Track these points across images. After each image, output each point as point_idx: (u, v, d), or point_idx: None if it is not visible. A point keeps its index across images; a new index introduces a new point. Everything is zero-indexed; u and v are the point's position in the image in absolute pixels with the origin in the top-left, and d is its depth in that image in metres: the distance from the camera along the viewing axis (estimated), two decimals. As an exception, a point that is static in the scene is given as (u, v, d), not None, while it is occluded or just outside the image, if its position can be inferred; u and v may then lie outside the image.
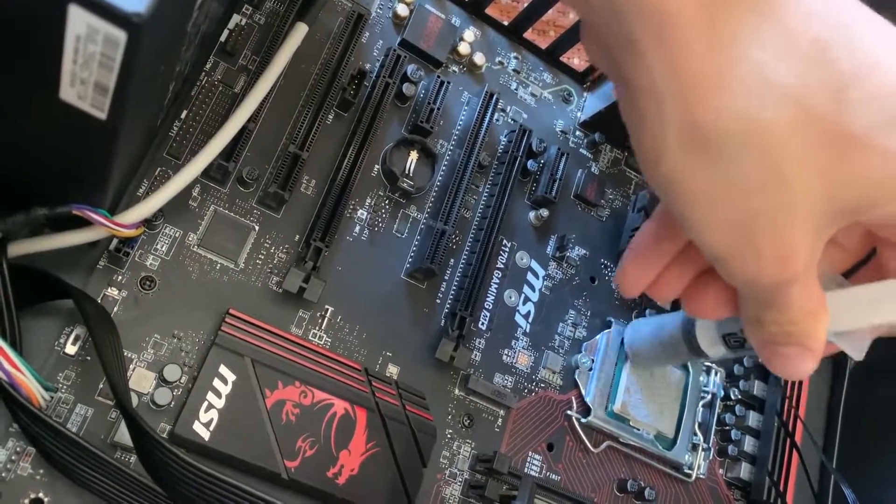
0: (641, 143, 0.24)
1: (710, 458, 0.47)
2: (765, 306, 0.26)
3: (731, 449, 0.47)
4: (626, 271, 0.32)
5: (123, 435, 0.32)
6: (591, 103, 0.51)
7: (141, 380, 0.34)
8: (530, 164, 0.46)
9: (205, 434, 0.34)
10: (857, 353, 0.29)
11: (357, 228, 0.41)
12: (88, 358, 0.34)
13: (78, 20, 0.19)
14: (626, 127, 0.25)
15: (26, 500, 0.31)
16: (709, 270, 0.31)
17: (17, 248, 0.31)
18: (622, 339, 0.45)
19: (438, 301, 0.42)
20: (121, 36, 0.19)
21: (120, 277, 0.35)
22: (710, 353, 0.36)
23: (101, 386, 0.34)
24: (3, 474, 0.31)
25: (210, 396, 0.35)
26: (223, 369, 0.35)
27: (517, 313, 0.45)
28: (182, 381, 0.35)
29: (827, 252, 0.27)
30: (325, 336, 0.39)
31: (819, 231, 0.23)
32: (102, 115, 0.23)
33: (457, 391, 0.42)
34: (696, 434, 0.46)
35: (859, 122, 0.21)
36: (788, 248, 0.23)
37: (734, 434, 0.48)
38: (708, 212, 0.23)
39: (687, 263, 0.31)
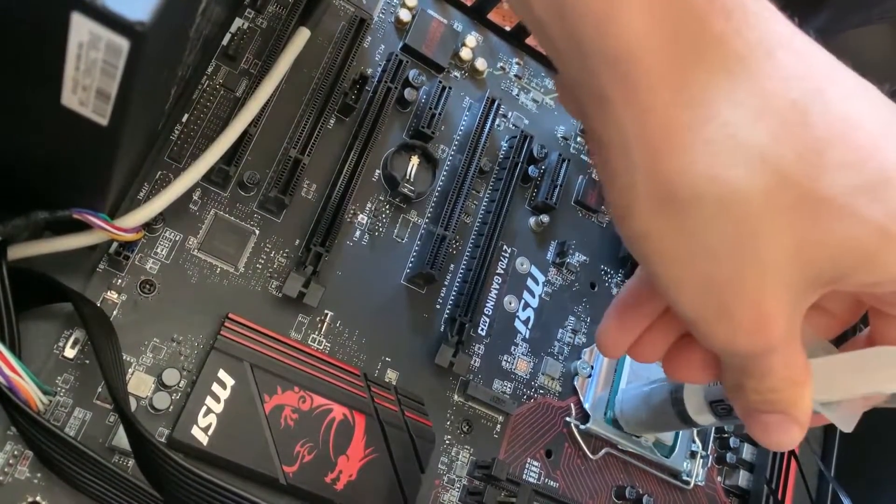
0: (612, 198, 0.23)
1: (709, 465, 0.47)
2: (745, 373, 0.25)
3: (729, 456, 0.47)
4: (607, 332, 0.31)
5: (122, 439, 0.32)
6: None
7: (140, 384, 0.34)
8: (531, 169, 0.46)
9: (203, 439, 0.34)
10: (845, 425, 0.28)
11: (357, 233, 0.41)
12: (87, 361, 0.34)
13: (80, 28, 0.19)
14: (600, 179, 0.24)
15: (24, 504, 0.31)
16: (690, 333, 0.29)
17: (17, 252, 0.31)
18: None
19: (438, 306, 0.42)
20: (123, 44, 0.19)
21: (119, 281, 0.35)
22: (699, 421, 0.34)
23: (99, 390, 0.34)
24: (1, 478, 0.31)
25: (209, 401, 0.34)
26: (222, 374, 0.35)
27: (517, 319, 0.45)
28: (181, 385, 0.35)
29: (813, 318, 0.26)
30: (324, 341, 0.39)
31: (796, 298, 0.23)
32: (104, 122, 0.23)
33: (456, 397, 0.42)
34: (694, 441, 0.46)
35: (833, 186, 0.20)
36: (761, 314, 0.22)
37: (733, 441, 0.48)
38: (678, 272, 0.23)
39: (669, 325, 0.30)
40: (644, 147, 0.21)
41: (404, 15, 0.45)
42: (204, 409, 0.34)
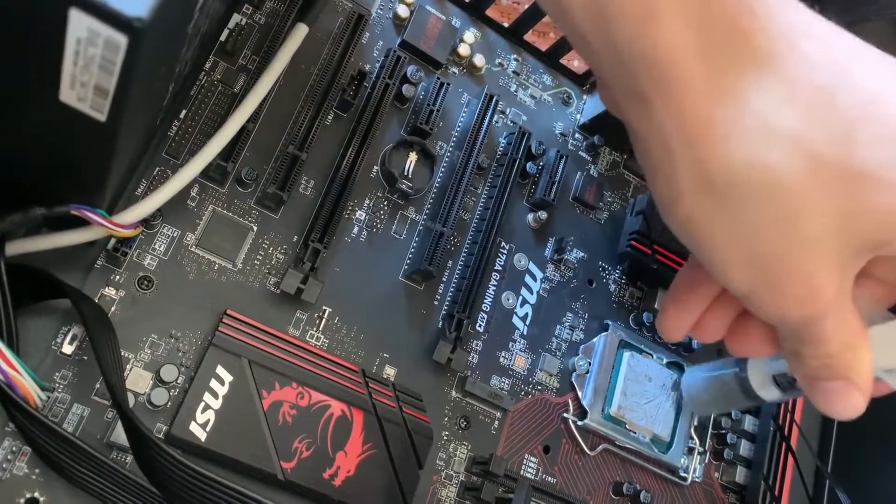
0: (656, 189, 0.25)
1: (706, 461, 0.47)
2: (801, 341, 0.27)
3: (726, 452, 0.48)
4: (667, 317, 0.33)
5: (120, 435, 0.32)
6: (590, 106, 0.51)
7: (138, 380, 0.34)
8: (529, 166, 0.46)
9: (201, 435, 0.34)
10: None
11: (355, 229, 0.41)
12: (85, 358, 0.34)
13: (79, 24, 0.19)
14: (643, 171, 0.26)
15: (22, 500, 0.31)
16: (748, 310, 0.31)
17: (15, 248, 0.31)
18: (619, 342, 0.45)
19: (436, 303, 0.42)
20: (122, 40, 0.19)
21: (117, 277, 0.35)
22: (764, 396, 0.35)
23: (97, 386, 0.34)
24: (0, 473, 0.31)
25: (207, 397, 0.35)
26: (220, 370, 0.35)
27: (515, 315, 0.45)
28: (179, 381, 0.35)
29: (868, 288, 0.28)
30: (322, 337, 0.39)
31: (842, 265, 0.24)
32: (102, 117, 0.23)
33: (454, 393, 0.42)
34: (691, 437, 0.46)
35: (869, 160, 0.22)
36: (808, 284, 0.24)
37: (730, 438, 0.48)
38: (726, 252, 0.24)
39: (726, 304, 0.31)
40: (684, 141, 0.23)
41: (402, 11, 0.45)
42: (202, 405, 0.34)
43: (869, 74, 0.23)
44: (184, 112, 0.38)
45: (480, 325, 0.43)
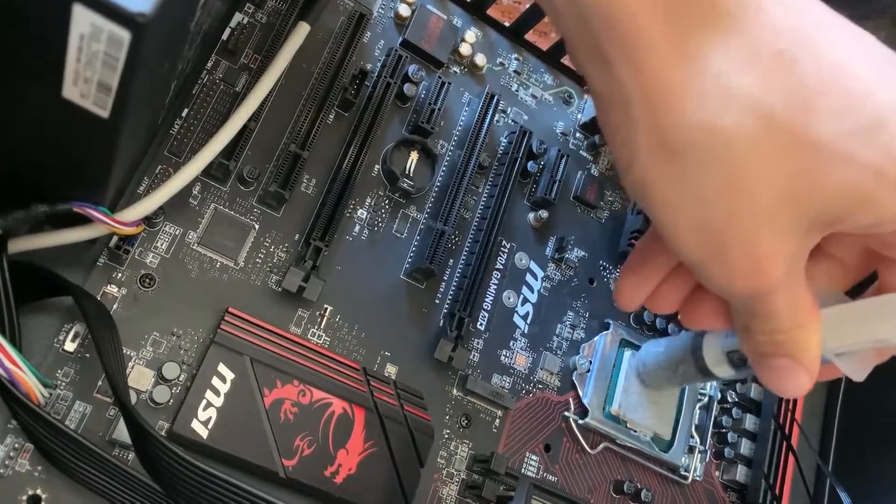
0: (615, 149, 0.25)
1: (707, 460, 0.47)
2: (750, 315, 0.26)
3: (727, 451, 0.48)
4: (622, 286, 0.33)
5: (122, 432, 0.32)
6: (591, 105, 0.51)
7: (140, 377, 0.34)
8: (530, 165, 0.46)
9: (203, 432, 0.34)
10: (857, 375, 0.28)
11: (357, 228, 0.41)
12: (87, 355, 0.34)
13: (82, 19, 0.19)
14: (603, 134, 0.26)
15: (24, 497, 0.31)
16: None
17: (17, 245, 0.31)
18: (620, 341, 0.46)
19: (437, 301, 0.43)
20: (125, 36, 0.19)
21: (119, 275, 0.35)
22: (717, 372, 0.35)
23: (99, 383, 0.34)
24: (1, 470, 0.31)
25: (209, 395, 0.35)
26: (222, 368, 0.35)
27: (516, 314, 0.45)
28: (181, 379, 0.35)
29: (825, 268, 0.28)
30: (324, 335, 0.39)
31: (794, 238, 0.23)
32: (105, 114, 0.23)
33: (455, 391, 0.42)
34: (692, 436, 0.46)
35: (826, 132, 0.21)
36: (756, 255, 0.23)
37: (731, 436, 0.48)
38: (678, 217, 0.24)
39: (682, 276, 0.31)
40: (643, 102, 0.23)
41: (404, 10, 0.45)
42: (204, 402, 0.34)
43: (834, 46, 0.22)
44: (186, 110, 0.38)
45: (481, 324, 0.43)
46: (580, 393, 0.44)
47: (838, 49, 0.22)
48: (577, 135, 0.50)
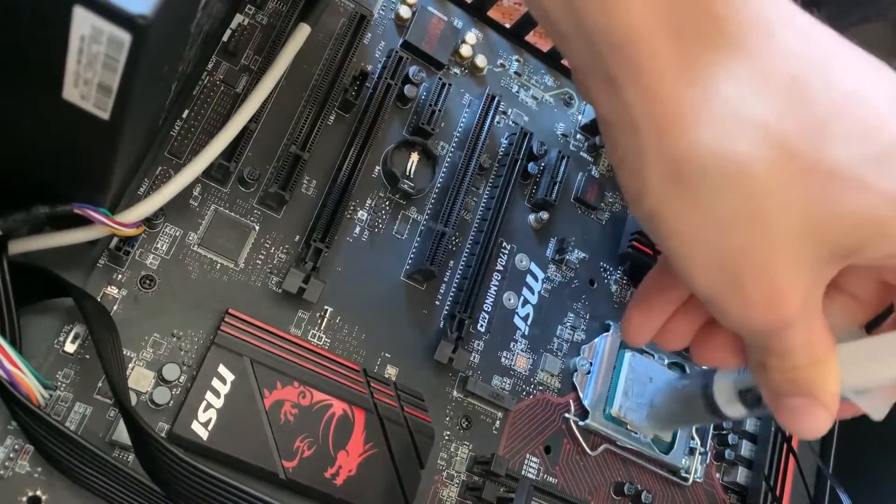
0: (623, 178, 0.24)
1: (707, 462, 0.47)
2: (766, 351, 0.25)
3: (728, 453, 0.48)
4: (631, 320, 0.31)
5: (122, 433, 0.32)
6: (591, 107, 0.51)
7: (140, 379, 0.34)
8: (531, 166, 0.46)
9: (203, 434, 0.34)
10: (877, 412, 0.27)
11: (357, 229, 0.41)
12: (87, 356, 0.34)
13: (83, 21, 0.19)
14: (610, 162, 0.25)
15: (24, 498, 0.31)
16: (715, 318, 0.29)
17: (18, 246, 0.31)
18: (620, 343, 0.45)
19: (437, 303, 0.43)
20: (125, 37, 0.19)
21: (120, 276, 0.35)
22: (728, 412, 0.34)
23: (99, 384, 0.34)
24: (2, 472, 0.31)
25: (209, 396, 0.35)
26: (222, 369, 0.35)
27: (516, 316, 0.45)
28: (181, 380, 0.35)
29: (841, 303, 0.27)
30: (324, 337, 0.39)
31: (810, 270, 0.23)
32: (105, 115, 0.23)
33: (455, 393, 0.42)
34: (693, 438, 0.46)
35: (841, 159, 0.21)
36: (773, 288, 0.22)
37: (731, 438, 0.48)
38: (690, 249, 0.23)
39: (693, 311, 0.30)
40: (652, 127, 0.22)
41: (404, 12, 0.45)
42: (204, 404, 0.34)
43: (846, 71, 0.22)
44: (186, 112, 0.38)
45: (482, 325, 0.43)
46: (581, 394, 0.44)
47: (851, 77, 0.22)
48: (578, 136, 0.50)
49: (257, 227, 0.39)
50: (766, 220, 0.22)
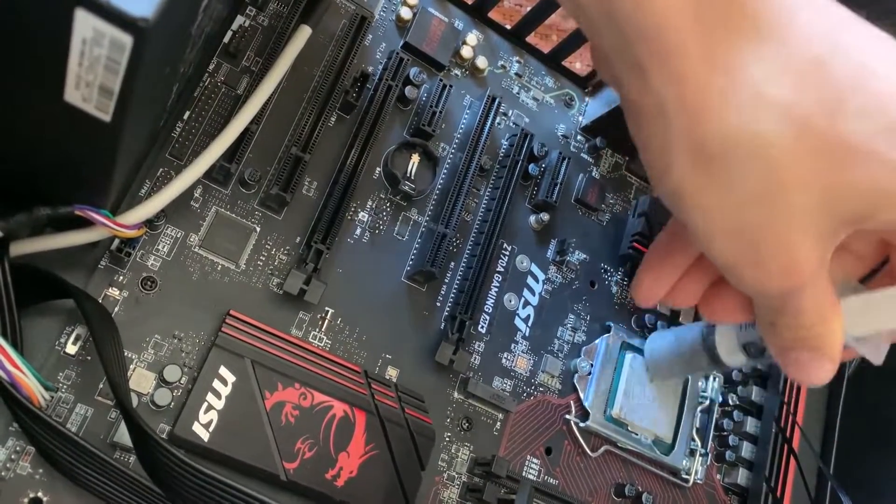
0: (649, 158, 0.25)
1: (708, 463, 0.47)
2: (777, 312, 0.27)
3: (728, 454, 0.48)
4: (641, 282, 0.33)
5: (123, 435, 0.32)
6: (592, 108, 0.51)
7: (141, 380, 0.34)
8: (531, 168, 0.46)
9: (204, 435, 0.34)
10: (876, 357, 0.29)
11: (358, 231, 0.41)
12: (89, 358, 0.34)
13: (84, 24, 0.19)
14: (635, 144, 0.26)
15: (25, 500, 0.31)
16: (724, 278, 0.31)
17: (19, 248, 0.31)
18: (621, 344, 0.46)
19: (438, 304, 0.43)
20: (127, 40, 0.19)
21: (121, 278, 0.35)
22: (729, 362, 0.36)
23: (101, 386, 0.34)
24: (3, 473, 0.31)
25: (210, 397, 0.35)
26: (223, 370, 0.35)
27: (517, 317, 0.45)
28: (182, 381, 0.35)
29: (841, 260, 0.28)
30: (325, 338, 0.39)
31: (824, 239, 0.24)
32: (106, 118, 0.23)
33: (456, 394, 0.42)
34: (693, 439, 0.46)
35: (857, 132, 0.22)
36: (791, 256, 0.24)
37: (732, 440, 0.48)
38: (713, 222, 0.24)
39: (702, 272, 0.32)
40: (680, 109, 0.23)
41: (405, 13, 0.45)
42: (205, 405, 0.34)
43: (862, 47, 0.23)
44: (187, 113, 0.38)
45: (482, 327, 0.43)
46: (581, 396, 0.44)
47: (862, 50, 0.23)
48: (579, 137, 0.50)
49: (258, 229, 0.39)
50: (785, 196, 0.23)
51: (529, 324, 0.45)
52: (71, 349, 0.34)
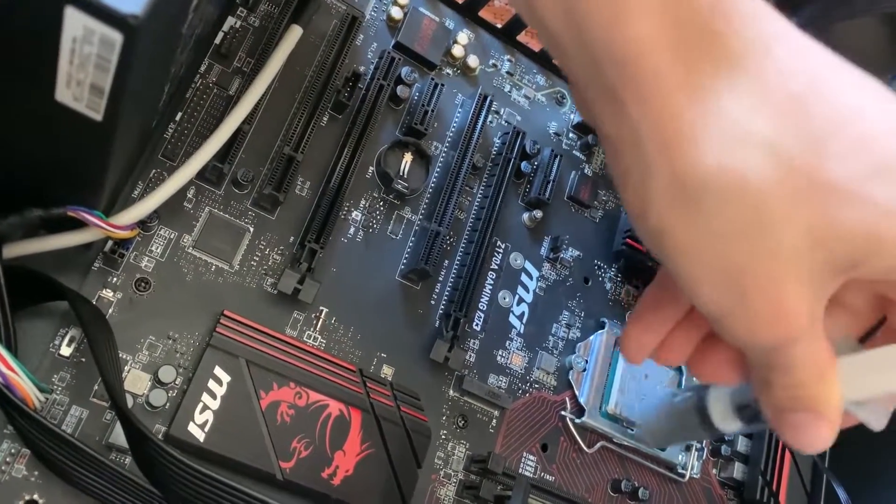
0: (626, 195, 0.24)
1: (704, 458, 0.47)
2: (770, 368, 0.25)
3: (724, 449, 0.48)
4: (629, 337, 0.31)
5: (118, 436, 0.32)
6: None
7: (136, 381, 0.34)
8: (524, 165, 0.46)
9: (200, 435, 0.34)
10: (878, 423, 0.27)
11: (352, 230, 0.41)
12: (83, 360, 0.34)
13: (74, 22, 0.19)
14: (613, 180, 0.25)
15: (21, 502, 0.31)
16: (714, 334, 0.29)
17: (12, 250, 0.31)
18: (615, 340, 0.46)
19: (433, 302, 0.43)
20: (117, 37, 0.19)
21: (115, 279, 0.35)
22: (723, 428, 0.34)
23: (95, 387, 0.34)
24: (-2, 476, 0.31)
25: (205, 398, 0.35)
26: (218, 370, 0.35)
27: (511, 314, 0.45)
28: (177, 382, 0.35)
29: (836, 317, 0.27)
30: (319, 337, 0.39)
31: (815, 286, 0.23)
32: (98, 117, 0.23)
33: (451, 392, 0.42)
34: (689, 434, 0.46)
35: (841, 174, 0.21)
36: (780, 301, 0.23)
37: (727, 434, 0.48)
38: (697, 265, 0.23)
39: (692, 326, 0.30)
40: (655, 143, 0.22)
41: (396, 13, 0.45)
42: (200, 405, 0.34)
43: (842, 87, 0.22)
44: (179, 114, 0.38)
45: (477, 324, 0.43)
46: (576, 392, 0.45)
47: (845, 90, 0.22)
48: (571, 135, 0.50)
49: (252, 229, 0.39)
50: (770, 235, 0.22)
51: (524, 321, 0.45)
52: (65, 351, 0.33)
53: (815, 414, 0.25)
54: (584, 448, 0.44)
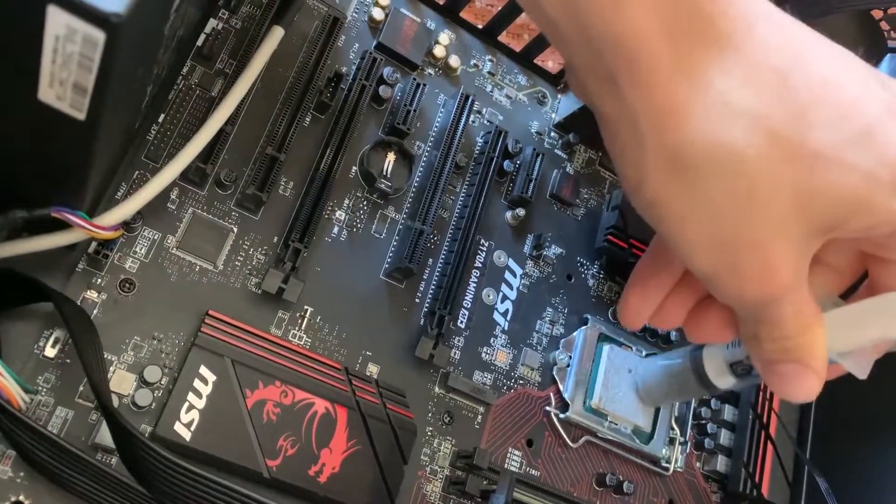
0: (623, 170, 0.26)
1: (687, 451, 0.48)
2: (759, 322, 0.27)
3: (707, 442, 0.48)
4: (627, 304, 0.33)
5: (104, 437, 0.32)
6: (565, 105, 0.52)
7: (121, 381, 0.34)
8: (506, 164, 0.47)
9: (186, 434, 0.34)
10: (861, 372, 0.29)
11: (335, 229, 0.42)
12: (68, 361, 0.34)
13: (57, 20, 0.19)
14: (611, 157, 0.26)
15: (7, 503, 0.31)
16: (709, 295, 0.32)
17: (-4, 252, 0.31)
18: (599, 335, 0.46)
19: (417, 300, 0.43)
20: (99, 36, 0.19)
21: (99, 280, 0.35)
22: (719, 384, 0.36)
23: (81, 388, 0.34)
24: (-16, 478, 0.31)
25: (191, 397, 0.35)
26: (203, 370, 0.35)
27: (495, 311, 0.45)
28: (162, 382, 0.35)
29: (820, 274, 0.29)
30: (304, 336, 0.39)
31: (799, 247, 0.24)
32: (81, 116, 0.23)
33: (437, 389, 0.42)
34: (672, 428, 0.47)
35: (822, 142, 0.23)
36: (768, 260, 0.24)
37: (710, 427, 0.49)
38: (691, 232, 0.25)
39: (687, 290, 0.32)
40: (651, 120, 0.24)
41: (377, 14, 0.46)
42: (186, 405, 0.35)
43: (821, 60, 0.24)
44: (162, 116, 0.38)
45: (462, 322, 0.44)
46: (561, 388, 0.45)
47: (824, 63, 0.24)
48: (552, 134, 0.51)
49: (235, 229, 0.39)
50: (757, 201, 0.23)
51: (508, 318, 0.45)
52: (50, 352, 0.33)
53: (803, 364, 0.27)
54: (569, 443, 0.44)
